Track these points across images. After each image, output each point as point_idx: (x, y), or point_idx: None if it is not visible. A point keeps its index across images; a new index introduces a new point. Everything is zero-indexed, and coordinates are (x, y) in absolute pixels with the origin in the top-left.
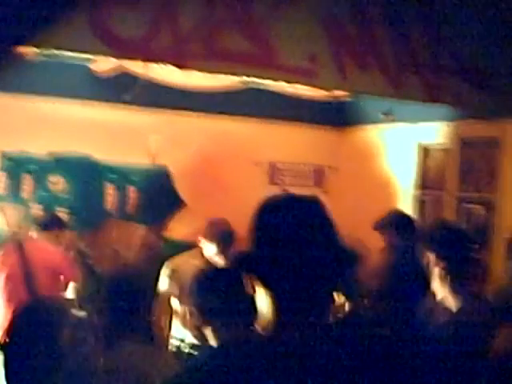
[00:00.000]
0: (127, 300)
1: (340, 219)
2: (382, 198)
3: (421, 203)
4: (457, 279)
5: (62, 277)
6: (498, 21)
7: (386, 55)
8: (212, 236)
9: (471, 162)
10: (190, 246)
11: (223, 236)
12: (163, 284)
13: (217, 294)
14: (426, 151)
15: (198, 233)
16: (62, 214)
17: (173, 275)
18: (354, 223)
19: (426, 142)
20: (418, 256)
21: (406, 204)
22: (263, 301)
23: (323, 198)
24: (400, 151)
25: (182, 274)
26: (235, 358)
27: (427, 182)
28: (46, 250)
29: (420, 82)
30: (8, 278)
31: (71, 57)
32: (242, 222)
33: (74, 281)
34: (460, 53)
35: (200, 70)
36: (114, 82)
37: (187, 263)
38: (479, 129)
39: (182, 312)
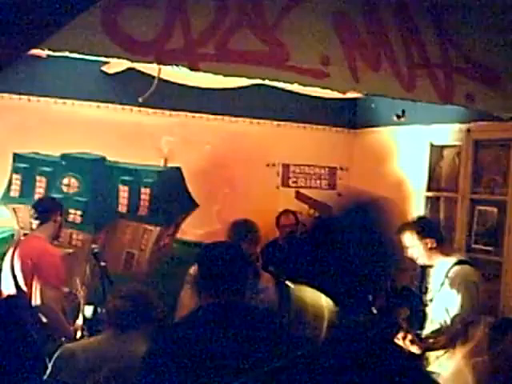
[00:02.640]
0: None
1: None
2: (395, 199)
3: (433, 204)
4: None
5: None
6: (511, 19)
7: (398, 56)
8: (229, 233)
9: (484, 163)
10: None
11: (239, 233)
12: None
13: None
14: (438, 152)
15: (211, 234)
16: (75, 213)
17: None
18: None
19: (439, 143)
20: None
21: (419, 205)
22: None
23: (336, 200)
24: (413, 152)
25: None
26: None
27: (440, 184)
28: (32, 244)
29: (432, 82)
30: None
31: (84, 58)
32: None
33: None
34: (472, 53)
35: (212, 71)
36: (127, 84)
37: None
38: (492, 130)
39: None
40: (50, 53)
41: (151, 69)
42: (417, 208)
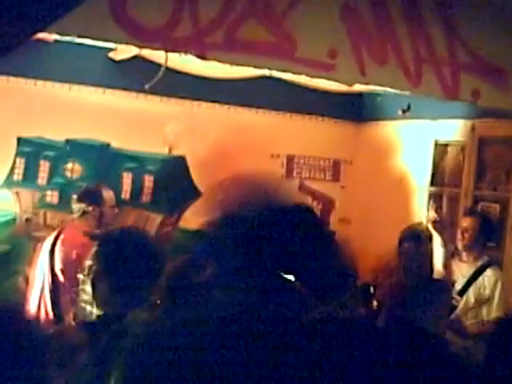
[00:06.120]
0: None
1: (355, 213)
2: (398, 193)
3: (436, 200)
4: None
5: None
6: None
7: (405, 51)
8: None
9: (487, 160)
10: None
11: None
12: None
13: None
14: (442, 148)
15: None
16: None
17: None
18: (370, 218)
19: (443, 139)
20: None
21: (422, 201)
22: None
23: (340, 193)
24: (417, 148)
25: None
26: None
27: (443, 180)
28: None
29: (438, 77)
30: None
31: (91, 44)
32: None
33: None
34: (479, 49)
35: (220, 60)
36: (134, 70)
37: None
38: (496, 127)
39: None
40: (58, 37)
41: (158, 56)
42: (419, 203)
